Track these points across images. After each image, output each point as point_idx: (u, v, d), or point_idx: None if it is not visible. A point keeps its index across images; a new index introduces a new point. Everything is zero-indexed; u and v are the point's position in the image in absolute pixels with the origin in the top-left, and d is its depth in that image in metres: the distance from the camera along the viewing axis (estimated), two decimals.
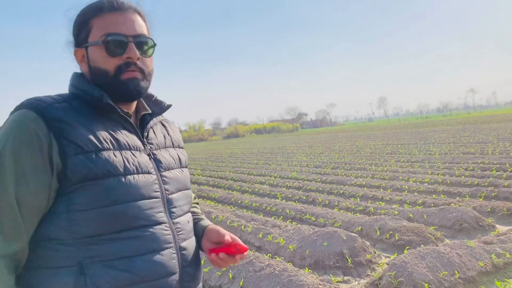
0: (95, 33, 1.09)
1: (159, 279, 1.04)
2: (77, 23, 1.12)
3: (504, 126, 29.35)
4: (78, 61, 1.14)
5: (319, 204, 7.73)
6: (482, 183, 7.95)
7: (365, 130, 54.11)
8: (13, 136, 0.95)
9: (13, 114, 0.99)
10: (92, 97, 1.07)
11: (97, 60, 1.09)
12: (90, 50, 1.09)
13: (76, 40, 1.13)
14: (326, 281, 3.54)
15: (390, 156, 15.28)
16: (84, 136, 1.00)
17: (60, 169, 0.97)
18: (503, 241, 4.39)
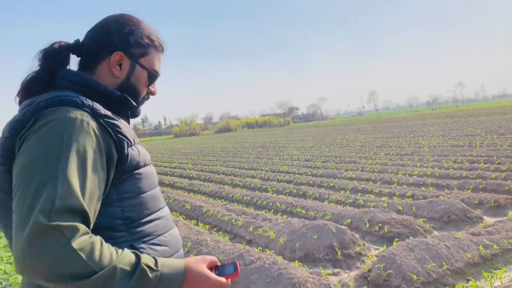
0: (149, 60, 1.23)
1: (179, 249, 1.22)
2: (136, 38, 1.20)
3: (492, 119, 29.69)
4: (113, 61, 1.17)
5: (309, 197, 7.76)
6: (470, 176, 8.04)
7: (355, 124, 54.34)
8: (76, 132, 0.95)
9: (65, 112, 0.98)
10: (116, 99, 1.16)
11: (139, 80, 1.22)
12: (138, 69, 1.21)
13: (122, 46, 1.17)
14: (315, 274, 3.55)
15: (379, 149, 15.37)
16: (127, 131, 1.11)
17: (116, 161, 1.05)
18: (490, 233, 4.44)
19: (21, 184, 0.89)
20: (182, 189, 10.73)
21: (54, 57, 1.13)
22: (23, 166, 0.91)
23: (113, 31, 1.17)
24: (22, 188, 0.88)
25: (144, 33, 1.21)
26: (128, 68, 1.19)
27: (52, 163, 0.89)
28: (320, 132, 40.16)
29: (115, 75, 1.18)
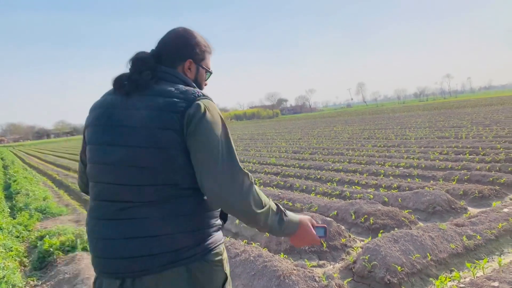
0: (206, 62, 1.61)
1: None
2: (197, 48, 1.56)
3: (478, 110, 30.04)
4: (186, 66, 1.54)
5: (296, 189, 7.75)
6: (455, 167, 8.11)
7: (343, 116, 54.56)
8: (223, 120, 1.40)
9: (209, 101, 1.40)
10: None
11: (201, 78, 1.60)
12: (201, 70, 1.59)
13: (191, 55, 1.54)
14: (300, 266, 3.54)
15: (367, 141, 15.44)
16: None
17: None
18: (474, 223, 4.48)
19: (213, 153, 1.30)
20: None
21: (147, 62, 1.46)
22: (212, 141, 1.31)
23: (186, 44, 1.55)
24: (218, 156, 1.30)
25: (202, 43, 1.59)
26: (195, 70, 1.57)
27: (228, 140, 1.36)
28: (309, 124, 40.23)
29: (188, 76, 1.54)
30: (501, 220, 4.49)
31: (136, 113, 1.34)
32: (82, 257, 4.49)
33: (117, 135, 1.35)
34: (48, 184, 12.63)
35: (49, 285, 4.06)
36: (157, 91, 1.37)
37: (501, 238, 4.22)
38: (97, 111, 1.44)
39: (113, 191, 1.34)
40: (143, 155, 1.30)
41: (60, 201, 8.87)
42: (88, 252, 4.84)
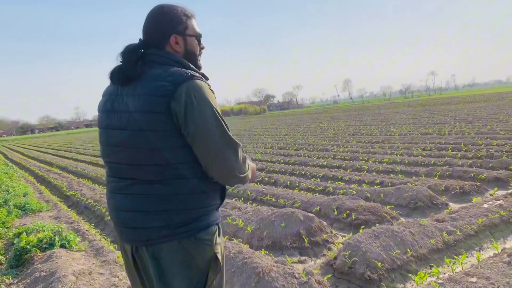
0: (191, 29, 1.64)
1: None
2: (176, 20, 1.60)
3: (461, 107, 30.43)
4: (172, 42, 1.60)
5: (280, 185, 7.73)
6: (438, 163, 8.18)
7: (330, 112, 54.77)
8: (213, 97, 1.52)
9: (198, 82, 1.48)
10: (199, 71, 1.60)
11: (193, 45, 1.65)
12: (188, 39, 1.63)
13: (174, 29, 1.59)
14: (280, 262, 3.51)
15: (352, 137, 15.51)
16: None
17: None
18: (454, 219, 4.50)
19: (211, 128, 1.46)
20: None
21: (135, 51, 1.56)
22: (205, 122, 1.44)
23: (163, 22, 1.59)
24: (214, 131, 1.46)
25: (179, 12, 1.61)
26: (182, 43, 1.62)
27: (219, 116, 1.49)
28: (295, 120, 40.30)
29: (177, 51, 1.61)
30: (481, 216, 4.52)
31: (131, 99, 1.48)
32: (60, 255, 4.40)
33: (116, 120, 1.51)
34: (30, 180, 12.39)
35: (25, 283, 3.96)
36: (149, 76, 1.49)
37: (480, 233, 4.25)
38: (103, 98, 1.63)
39: (120, 169, 1.54)
40: (139, 137, 1.45)
41: (41, 197, 8.71)
42: (66, 249, 4.75)
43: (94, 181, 10.97)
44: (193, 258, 1.52)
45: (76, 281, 3.69)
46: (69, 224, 5.96)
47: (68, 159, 19.18)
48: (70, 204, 8.26)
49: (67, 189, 9.30)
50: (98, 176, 11.16)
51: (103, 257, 4.42)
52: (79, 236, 5.23)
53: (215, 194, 1.60)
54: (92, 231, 5.75)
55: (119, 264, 4.18)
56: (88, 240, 5.12)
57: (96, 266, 4.17)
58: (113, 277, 3.86)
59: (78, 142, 35.97)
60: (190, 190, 1.49)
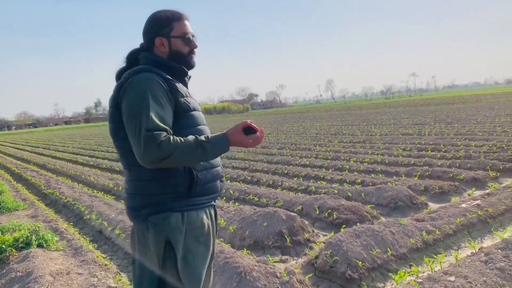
0: (176, 30, 1.80)
1: (216, 167, 1.85)
2: (161, 23, 1.80)
3: (441, 108, 31.01)
4: (157, 44, 1.80)
5: (263, 184, 7.72)
6: (417, 163, 8.30)
7: (312, 112, 55.10)
8: (151, 86, 1.62)
9: (141, 75, 1.66)
10: (177, 68, 1.81)
11: (178, 45, 1.81)
12: (173, 40, 1.80)
13: (158, 32, 1.79)
14: (262, 262, 3.50)
15: (334, 137, 15.63)
16: (181, 88, 1.76)
17: (175, 105, 1.70)
18: (433, 218, 4.57)
19: (130, 119, 1.59)
20: None
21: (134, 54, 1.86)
22: (128, 110, 1.61)
23: (149, 26, 1.82)
24: (131, 121, 1.58)
25: (164, 16, 1.80)
26: (167, 44, 1.80)
27: (143, 104, 1.58)
28: (278, 119, 40.40)
29: (163, 51, 1.81)
30: (459, 216, 4.61)
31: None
32: (37, 254, 4.29)
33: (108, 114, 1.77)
34: (6, 177, 12.09)
35: (0, 284, 3.85)
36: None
37: (458, 233, 4.33)
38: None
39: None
40: (111, 129, 1.73)
41: (17, 195, 8.50)
42: (43, 248, 4.64)
43: (73, 179, 10.77)
44: (147, 240, 1.68)
45: (54, 281, 3.61)
46: (46, 223, 5.84)
47: (46, 156, 18.79)
48: (48, 202, 8.08)
49: (45, 187, 9.10)
50: (77, 174, 10.96)
51: (82, 256, 4.34)
52: (57, 235, 5.12)
53: (172, 181, 1.67)
54: (70, 230, 5.64)
55: (98, 263, 4.11)
56: (66, 239, 5.02)
57: (74, 266, 4.08)
58: (92, 277, 3.79)
59: (57, 139, 35.29)
60: (146, 176, 1.67)
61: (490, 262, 3.21)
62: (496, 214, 4.75)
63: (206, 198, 1.80)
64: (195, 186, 1.71)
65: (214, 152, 1.65)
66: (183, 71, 1.84)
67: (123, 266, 4.35)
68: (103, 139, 28.97)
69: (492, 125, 14.66)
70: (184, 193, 1.69)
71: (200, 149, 1.60)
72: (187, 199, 1.71)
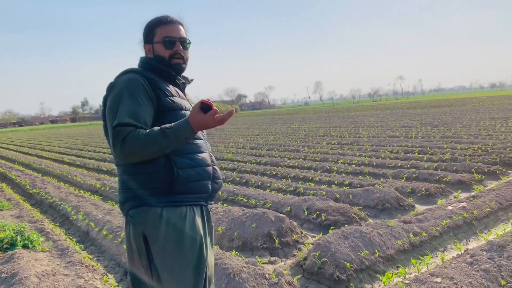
0: (159, 35, 1.89)
1: (204, 166, 1.85)
2: (146, 30, 1.93)
3: (427, 111, 31.38)
4: (146, 51, 1.94)
5: (252, 186, 7.72)
6: (404, 165, 8.39)
7: (301, 113, 55.31)
8: (131, 85, 1.71)
9: (125, 76, 1.77)
10: (163, 70, 1.88)
11: (159, 50, 1.89)
12: (155, 46, 1.89)
13: (145, 39, 1.94)
14: (251, 263, 3.50)
15: (322, 139, 15.70)
16: (166, 88, 1.82)
17: (156, 104, 1.75)
18: (420, 220, 4.63)
19: (108, 116, 1.69)
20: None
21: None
22: (107, 109, 1.72)
23: (143, 36, 1.95)
24: (108, 118, 1.68)
25: (149, 24, 1.92)
26: (151, 49, 1.92)
27: (119, 103, 1.66)
28: (267, 120, 40.45)
29: (150, 56, 1.92)
30: (445, 218, 4.67)
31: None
32: (22, 255, 4.23)
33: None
34: None
35: None
36: None
37: (444, 234, 4.39)
38: None
39: None
40: (103, 127, 1.81)
41: (1, 195, 8.37)
42: (28, 249, 4.58)
43: (59, 179, 10.64)
44: (129, 234, 1.77)
45: (39, 283, 3.56)
46: (32, 223, 5.75)
47: (32, 155, 18.52)
48: (33, 202, 7.97)
49: (31, 187, 8.97)
50: (64, 174, 10.83)
51: (68, 257, 4.28)
52: (42, 236, 5.05)
53: (153, 177, 1.71)
54: (56, 230, 5.57)
55: (85, 264, 4.07)
56: (52, 240, 4.95)
57: (60, 267, 4.03)
58: (79, 278, 3.75)
59: (43, 139, 34.80)
60: (129, 172, 1.74)
61: (476, 264, 3.27)
62: (481, 216, 4.83)
63: (191, 196, 1.79)
64: (176, 183, 1.71)
65: (177, 137, 1.62)
66: (169, 74, 1.89)
67: (110, 267, 4.31)
68: (90, 138, 28.68)
69: (477, 128, 14.89)
70: (164, 189, 1.72)
71: (162, 136, 1.59)
72: (168, 196, 1.73)
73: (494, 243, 3.60)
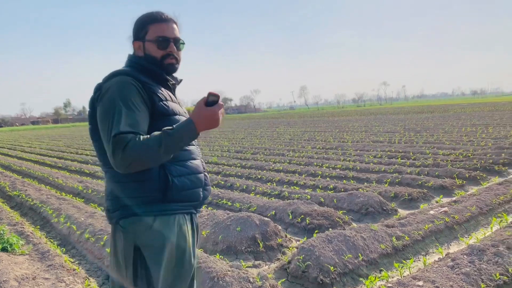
0: (151, 33, 1.76)
1: (199, 173, 1.78)
2: (137, 26, 1.79)
3: (410, 117, 31.86)
4: (135, 48, 1.81)
5: (236, 189, 7.71)
6: (388, 170, 8.49)
7: (286, 117, 55.51)
8: (124, 89, 1.58)
9: (116, 78, 1.62)
10: (155, 72, 1.76)
11: (151, 50, 1.76)
12: (147, 44, 1.76)
13: (135, 36, 1.80)
14: (235, 267, 3.49)
15: (307, 143, 15.79)
16: (160, 92, 1.71)
17: (151, 109, 1.64)
18: (403, 225, 4.68)
19: (102, 123, 1.56)
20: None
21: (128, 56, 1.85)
22: (100, 114, 1.58)
23: (132, 31, 1.82)
24: (103, 126, 1.54)
25: (139, 20, 1.79)
26: (142, 47, 1.79)
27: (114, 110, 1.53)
28: (252, 124, 40.48)
29: (140, 55, 1.79)
30: (427, 222, 4.74)
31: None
32: (1, 258, 4.14)
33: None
34: None
35: None
36: None
37: (426, 238, 4.45)
38: None
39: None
40: (89, 130, 1.73)
41: None
42: (7, 252, 4.48)
43: (40, 181, 10.45)
44: (116, 243, 1.69)
45: (19, 286, 3.49)
46: (11, 226, 5.63)
47: (12, 157, 18.14)
48: (13, 205, 7.80)
49: (10, 189, 8.78)
50: (45, 176, 10.64)
51: (48, 261, 4.20)
52: (22, 239, 4.95)
53: (146, 185, 1.62)
54: (37, 233, 5.46)
55: (66, 268, 4.00)
56: (32, 243, 4.86)
57: (41, 271, 3.96)
58: (60, 282, 3.68)
59: (24, 140, 34.15)
60: (120, 179, 1.63)
61: (457, 267, 3.32)
62: (462, 221, 4.91)
63: (183, 205, 1.72)
64: (170, 191, 1.64)
65: (180, 137, 1.52)
66: (162, 76, 1.78)
67: (92, 270, 4.25)
68: (72, 140, 28.25)
69: (459, 134, 15.18)
70: (158, 197, 1.64)
71: (165, 137, 1.49)
72: (161, 204, 1.65)
73: (475, 247, 3.67)
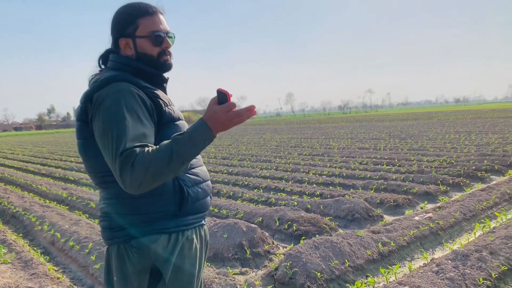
0: (143, 28, 1.53)
1: (207, 180, 1.64)
2: (123, 21, 1.54)
3: (395, 124, 32.25)
4: (121, 46, 1.56)
5: (223, 196, 7.69)
6: (373, 176, 8.57)
7: (273, 124, 55.68)
8: (125, 99, 1.37)
9: (112, 86, 1.40)
10: (153, 74, 1.57)
11: (144, 47, 1.55)
12: (138, 41, 1.54)
13: (120, 32, 1.55)
14: (222, 274, 3.48)
15: (293, 149, 15.85)
16: (162, 96, 1.53)
17: (157, 116, 1.47)
18: (389, 230, 4.73)
19: (102, 140, 1.34)
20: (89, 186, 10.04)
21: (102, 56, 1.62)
22: (100, 130, 1.35)
23: (112, 28, 1.57)
24: (105, 143, 1.32)
25: (127, 14, 1.54)
26: (132, 45, 1.55)
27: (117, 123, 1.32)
28: (239, 130, 40.47)
29: (129, 54, 1.56)
30: (413, 228, 4.79)
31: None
32: None
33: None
34: None
35: None
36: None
37: (412, 244, 4.50)
38: None
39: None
40: (80, 145, 1.50)
41: None
42: None
43: (23, 188, 10.26)
44: (126, 265, 1.45)
45: None
46: None
47: None
48: None
49: None
50: (28, 183, 10.45)
51: (32, 269, 4.13)
52: (5, 247, 4.86)
53: (160, 199, 1.45)
54: (20, 242, 5.36)
55: (50, 276, 3.93)
56: (15, 251, 4.77)
57: (24, 280, 3.88)
58: None
59: (6, 146, 33.53)
60: (129, 194, 1.34)
61: (441, 273, 3.36)
62: (446, 227, 4.98)
63: (196, 217, 1.57)
64: (186, 204, 1.49)
65: (193, 141, 1.32)
66: (161, 77, 1.62)
67: (76, 279, 4.18)
68: (57, 147, 27.85)
69: (443, 141, 15.41)
70: (173, 212, 1.48)
71: (176, 144, 1.30)
72: (176, 219, 1.49)
73: (459, 252, 3.73)
